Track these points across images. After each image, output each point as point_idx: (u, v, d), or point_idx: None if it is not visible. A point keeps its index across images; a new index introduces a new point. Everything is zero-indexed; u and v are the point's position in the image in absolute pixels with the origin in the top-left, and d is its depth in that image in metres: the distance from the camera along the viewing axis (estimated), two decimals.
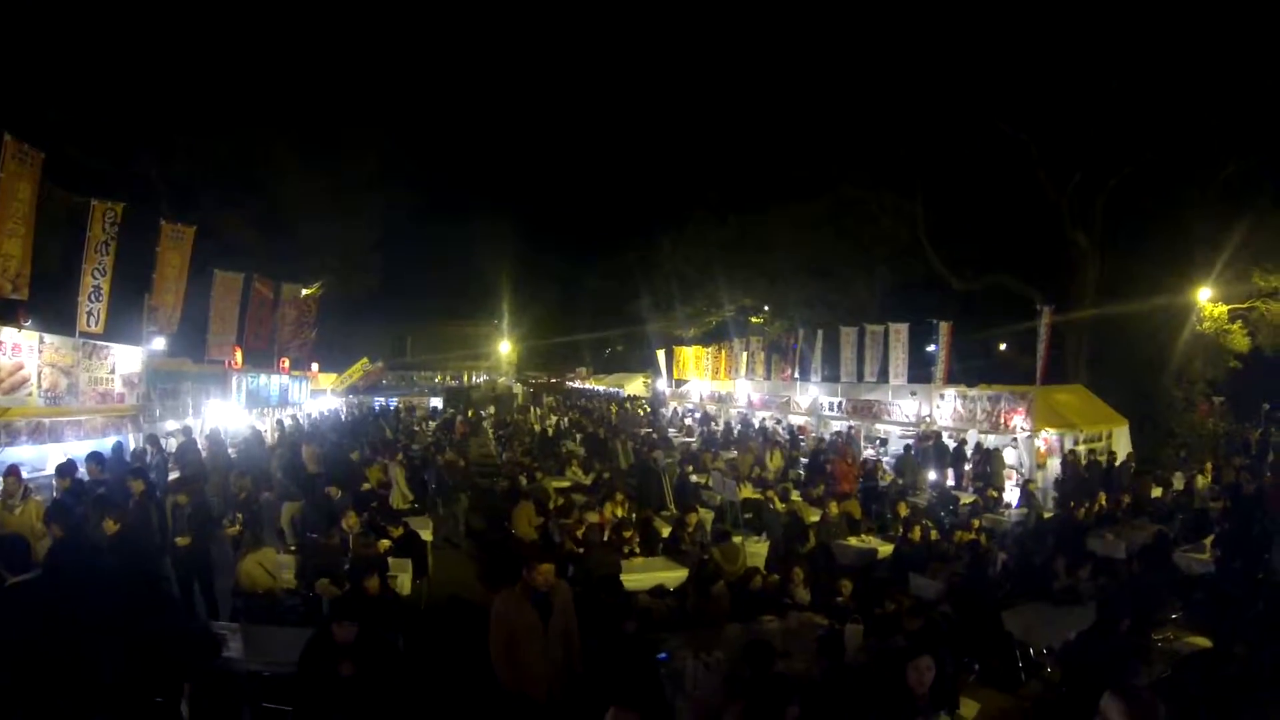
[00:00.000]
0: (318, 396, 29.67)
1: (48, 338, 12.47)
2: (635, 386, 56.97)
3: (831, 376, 25.15)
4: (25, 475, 9.49)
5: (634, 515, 12.17)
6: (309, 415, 26.29)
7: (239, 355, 21.51)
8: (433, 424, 30.30)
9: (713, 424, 28.86)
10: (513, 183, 58.63)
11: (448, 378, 66.01)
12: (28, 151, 12.09)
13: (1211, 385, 24.27)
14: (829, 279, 33.45)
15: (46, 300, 14.72)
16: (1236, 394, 25.56)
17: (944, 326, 21.14)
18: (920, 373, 22.70)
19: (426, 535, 11.79)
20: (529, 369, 74.86)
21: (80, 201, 14.35)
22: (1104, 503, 13.67)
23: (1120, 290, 23.76)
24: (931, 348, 23.51)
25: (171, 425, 16.03)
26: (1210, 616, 7.93)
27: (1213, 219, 22.13)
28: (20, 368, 11.74)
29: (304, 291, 26.10)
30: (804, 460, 20.14)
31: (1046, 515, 13.67)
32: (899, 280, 31.79)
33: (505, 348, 78.05)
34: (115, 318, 14.51)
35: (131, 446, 13.79)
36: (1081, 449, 17.95)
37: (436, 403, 39.01)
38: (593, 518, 11.32)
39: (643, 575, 9.52)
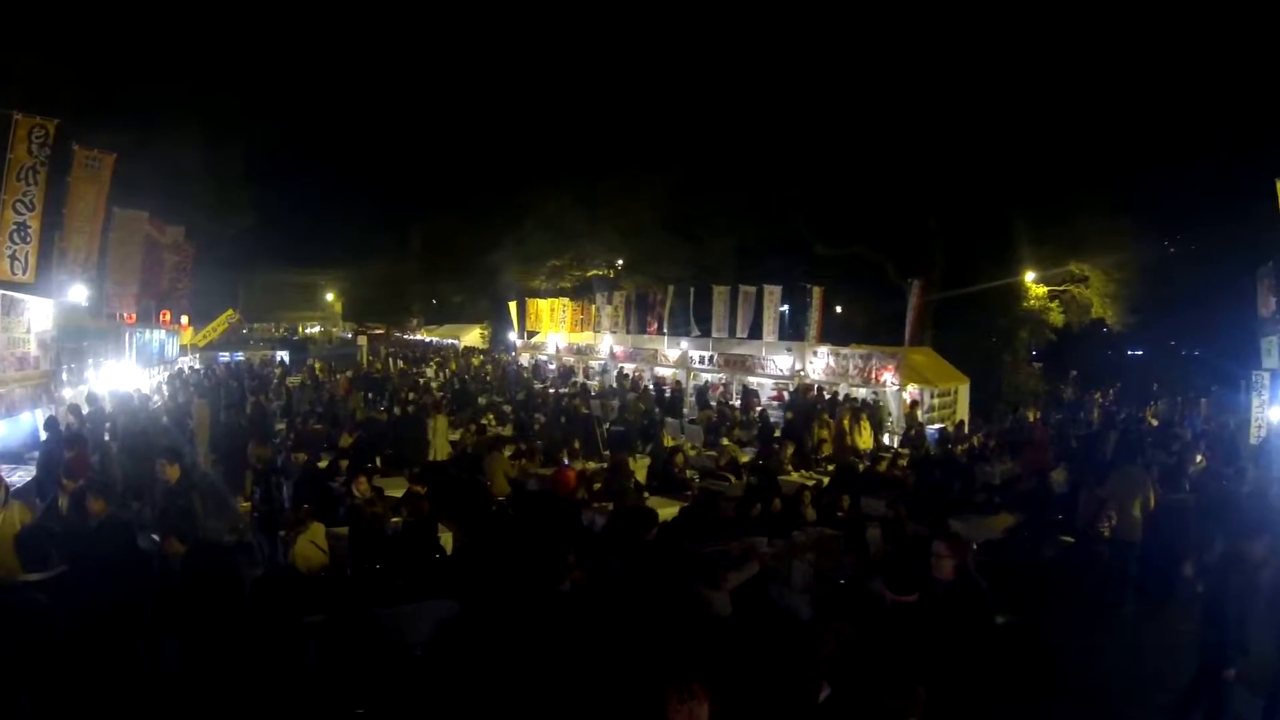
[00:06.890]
0: (183, 353, 26.79)
1: None
2: (472, 338, 55.70)
3: (703, 332, 26.38)
4: None
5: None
6: (192, 372, 23.55)
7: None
8: (292, 379, 26.30)
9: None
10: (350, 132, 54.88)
11: (281, 329, 61.92)
12: None
13: (1030, 352, 27.91)
14: (688, 237, 34.63)
15: None
16: (1047, 360, 29.57)
17: (816, 290, 23.02)
18: (783, 331, 24.45)
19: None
20: (356, 319, 71.53)
21: None
22: (976, 443, 15.92)
23: (961, 267, 26.80)
24: (785, 308, 25.34)
25: (68, 393, 13.71)
26: None
27: (1037, 216, 25.50)
28: None
29: (182, 234, 23.72)
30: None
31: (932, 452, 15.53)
32: (753, 241, 33.34)
33: (329, 297, 74.69)
34: None
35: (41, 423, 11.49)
36: (936, 402, 20.42)
37: (283, 356, 35.99)
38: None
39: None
